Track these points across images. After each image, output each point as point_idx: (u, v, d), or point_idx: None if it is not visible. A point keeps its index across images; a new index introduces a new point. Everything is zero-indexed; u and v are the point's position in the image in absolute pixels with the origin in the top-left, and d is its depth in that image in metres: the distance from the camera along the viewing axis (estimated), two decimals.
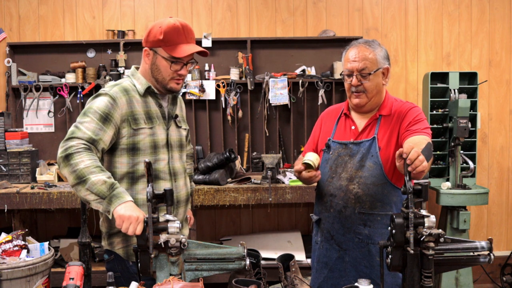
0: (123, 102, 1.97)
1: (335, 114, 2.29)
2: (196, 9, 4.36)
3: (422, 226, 1.56)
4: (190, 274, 1.69)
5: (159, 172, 2.04)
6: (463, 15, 4.43)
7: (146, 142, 2.01)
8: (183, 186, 2.15)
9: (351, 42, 2.20)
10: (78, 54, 4.24)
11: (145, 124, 2.01)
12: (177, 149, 2.14)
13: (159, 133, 2.05)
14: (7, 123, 4.01)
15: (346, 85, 2.15)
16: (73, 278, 1.62)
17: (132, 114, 1.99)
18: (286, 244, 3.94)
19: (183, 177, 2.16)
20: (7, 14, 4.29)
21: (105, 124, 1.91)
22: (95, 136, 1.87)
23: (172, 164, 2.09)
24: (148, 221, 1.61)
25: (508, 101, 4.45)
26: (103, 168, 1.82)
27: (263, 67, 4.28)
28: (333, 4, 4.39)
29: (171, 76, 2.02)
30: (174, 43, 1.98)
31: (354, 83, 2.10)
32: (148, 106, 2.05)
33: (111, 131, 1.92)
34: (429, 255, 1.53)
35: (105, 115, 1.91)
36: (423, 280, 1.55)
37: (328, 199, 2.16)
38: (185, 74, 2.05)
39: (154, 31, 1.99)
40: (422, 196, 1.59)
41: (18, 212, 3.73)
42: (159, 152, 2.05)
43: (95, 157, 1.83)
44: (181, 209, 2.15)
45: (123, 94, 1.99)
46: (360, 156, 2.10)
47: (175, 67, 2.01)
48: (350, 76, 2.12)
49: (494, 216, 4.52)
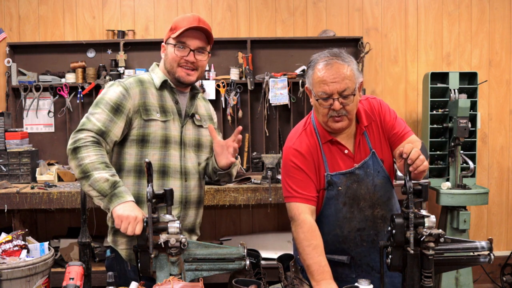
0: (136, 92, 1.96)
1: (311, 149, 1.93)
2: (196, 9, 4.36)
3: (422, 226, 1.56)
4: (190, 274, 1.69)
5: (168, 169, 1.98)
6: (463, 15, 4.43)
7: (158, 135, 1.96)
8: (195, 187, 2.07)
9: (313, 56, 1.91)
10: (78, 54, 4.24)
11: (158, 116, 1.97)
12: (192, 149, 2.07)
13: (172, 129, 2.00)
14: (7, 123, 4.01)
15: (322, 110, 1.85)
16: (73, 278, 1.62)
17: (144, 105, 1.96)
18: (286, 244, 3.94)
19: (196, 178, 2.07)
20: (7, 14, 4.29)
21: (116, 115, 1.89)
22: (104, 128, 1.86)
23: (184, 163, 2.02)
24: (148, 221, 1.61)
25: (508, 101, 4.45)
26: (108, 164, 1.81)
27: (263, 67, 4.28)
28: (333, 4, 4.39)
29: (177, 62, 1.98)
30: (178, 28, 1.97)
31: (336, 107, 1.80)
32: (163, 100, 2.01)
33: (121, 122, 1.90)
34: (429, 255, 1.53)
35: (116, 106, 1.90)
36: (423, 280, 1.55)
37: (356, 234, 1.94)
38: (192, 60, 1.98)
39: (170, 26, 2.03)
40: (422, 196, 1.59)
41: (18, 212, 3.72)
42: (170, 147, 1.99)
43: (102, 152, 1.82)
44: (191, 211, 2.07)
45: (137, 84, 1.99)
46: (370, 178, 1.91)
47: (178, 52, 1.97)
48: (327, 100, 1.82)
49: (494, 216, 4.52)
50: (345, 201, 1.92)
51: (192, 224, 2.11)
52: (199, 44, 1.99)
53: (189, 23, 1.96)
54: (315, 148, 1.93)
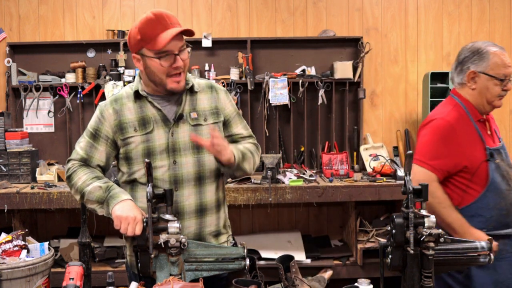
0: (109, 113, 1.90)
1: (466, 123, 2.18)
2: (196, 9, 4.36)
3: (422, 226, 1.56)
4: (190, 274, 1.69)
5: (157, 181, 1.85)
6: (463, 15, 4.43)
7: (139, 150, 1.87)
8: (190, 196, 1.89)
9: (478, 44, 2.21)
10: (78, 54, 4.24)
11: (135, 132, 1.87)
12: (189, 152, 1.89)
13: (157, 139, 1.87)
14: (7, 123, 4.01)
15: (496, 90, 2.17)
16: (73, 278, 1.62)
17: (120, 124, 1.89)
18: (286, 244, 3.94)
19: (191, 185, 1.89)
20: (7, 14, 4.29)
21: (95, 141, 1.92)
22: (86, 156, 1.91)
23: (174, 171, 1.87)
24: (148, 221, 1.61)
25: (508, 101, 4.45)
26: (100, 176, 1.86)
27: (263, 67, 4.28)
28: (333, 4, 4.39)
29: (166, 73, 1.81)
30: (153, 37, 1.77)
31: (509, 88, 2.18)
32: (143, 111, 1.89)
33: (102, 147, 1.91)
34: (429, 255, 1.53)
35: (94, 132, 1.92)
36: (423, 280, 1.55)
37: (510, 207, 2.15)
38: (181, 65, 1.82)
39: (133, 33, 1.82)
40: (422, 196, 1.59)
41: (18, 212, 3.72)
42: (155, 159, 1.86)
43: (91, 169, 1.89)
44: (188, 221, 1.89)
45: (111, 105, 1.91)
46: (508, 159, 2.19)
47: (165, 62, 1.80)
48: (503, 81, 2.15)
49: None
50: (503, 173, 2.13)
51: (196, 234, 1.91)
52: (179, 44, 1.81)
53: (162, 29, 1.77)
54: (467, 124, 2.17)
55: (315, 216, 4.41)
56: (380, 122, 4.45)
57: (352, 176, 3.93)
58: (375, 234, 3.96)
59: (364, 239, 3.90)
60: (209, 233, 1.95)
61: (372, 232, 3.97)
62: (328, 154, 4.11)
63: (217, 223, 1.98)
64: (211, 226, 1.95)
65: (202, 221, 1.92)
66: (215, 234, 1.98)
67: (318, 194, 3.64)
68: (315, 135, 4.28)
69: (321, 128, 4.27)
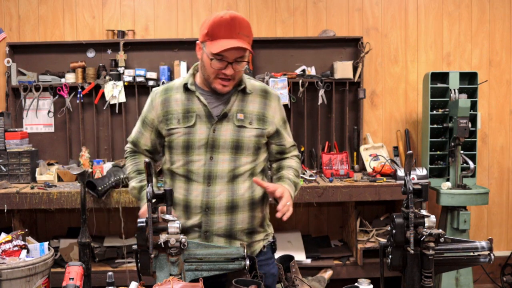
0: (158, 102, 2.01)
1: None
2: (196, 9, 4.35)
3: (422, 226, 1.56)
4: (190, 274, 1.69)
5: (191, 174, 1.94)
6: (463, 15, 4.43)
7: (179, 142, 1.95)
8: (222, 192, 1.93)
9: None
10: (78, 54, 4.23)
11: (178, 124, 1.95)
12: (228, 151, 1.93)
13: (198, 133, 1.93)
14: (7, 123, 4.01)
15: None
16: (73, 278, 1.62)
17: (166, 115, 1.99)
18: (286, 244, 3.94)
19: (224, 182, 1.93)
20: (7, 14, 4.29)
21: (143, 127, 2.08)
22: (136, 140, 2.11)
23: (209, 167, 1.92)
24: (148, 221, 1.61)
25: (508, 101, 4.45)
26: (140, 170, 2.07)
27: (263, 67, 4.28)
28: (333, 4, 4.39)
29: (214, 74, 1.89)
30: (216, 38, 1.84)
31: None
32: (189, 103, 1.96)
33: (147, 133, 2.06)
34: (429, 255, 1.53)
35: (143, 118, 2.07)
36: (423, 280, 1.55)
37: None
38: (230, 73, 1.87)
39: (205, 24, 1.88)
40: (422, 196, 1.59)
41: (18, 212, 3.72)
42: (193, 153, 1.93)
43: (137, 160, 2.11)
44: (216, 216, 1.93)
45: (161, 94, 2.02)
46: None
47: (216, 64, 1.86)
48: None
49: (494, 216, 4.52)
50: None
51: (227, 230, 1.96)
52: (236, 54, 1.86)
53: (227, 35, 1.82)
54: None
55: (315, 216, 4.41)
56: (380, 122, 4.45)
57: (352, 176, 3.93)
58: (375, 234, 3.96)
59: (364, 239, 3.90)
60: (241, 230, 1.98)
61: (372, 232, 3.97)
62: (328, 154, 4.11)
63: (250, 221, 2.00)
64: (243, 223, 1.98)
65: (233, 218, 1.96)
66: (248, 232, 2.01)
67: (318, 194, 3.64)
68: (315, 135, 4.28)
69: (321, 128, 4.27)
